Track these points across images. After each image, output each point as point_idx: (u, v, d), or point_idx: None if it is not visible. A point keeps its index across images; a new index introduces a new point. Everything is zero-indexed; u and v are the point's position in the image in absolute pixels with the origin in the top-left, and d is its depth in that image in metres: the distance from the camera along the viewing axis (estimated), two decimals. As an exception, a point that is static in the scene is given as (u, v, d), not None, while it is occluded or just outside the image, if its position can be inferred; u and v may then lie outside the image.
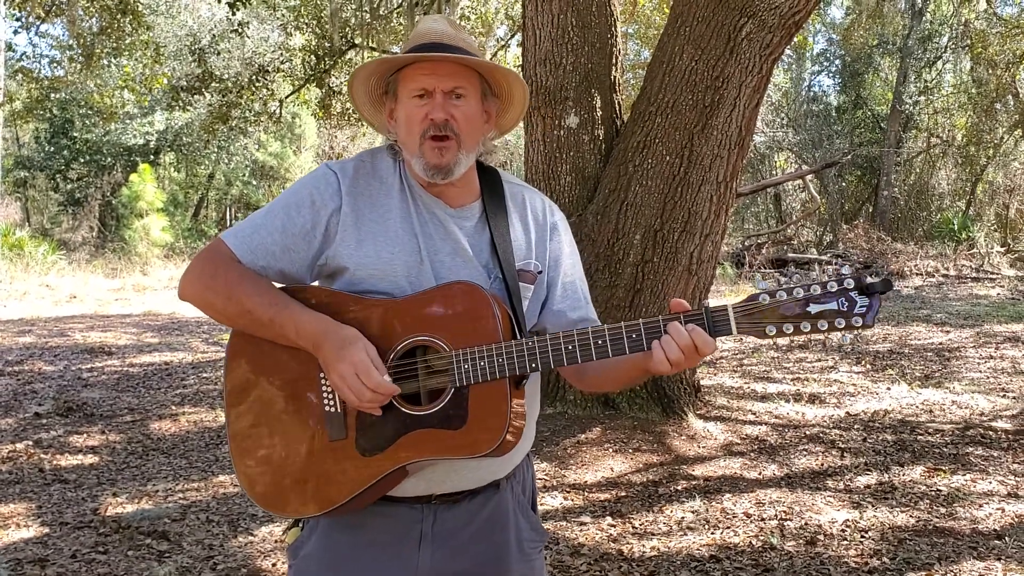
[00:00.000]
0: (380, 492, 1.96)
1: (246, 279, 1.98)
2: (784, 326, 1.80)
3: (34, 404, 7.99)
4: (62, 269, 22.32)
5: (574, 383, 2.20)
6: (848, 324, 1.77)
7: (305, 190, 2.05)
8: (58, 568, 4.39)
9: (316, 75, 17.24)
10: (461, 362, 1.89)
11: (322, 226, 2.02)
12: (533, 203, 2.21)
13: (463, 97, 2.03)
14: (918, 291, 19.17)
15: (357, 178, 2.07)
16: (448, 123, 2.00)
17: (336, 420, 1.95)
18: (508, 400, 1.89)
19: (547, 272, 2.18)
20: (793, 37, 6.69)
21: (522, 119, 2.32)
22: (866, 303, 1.77)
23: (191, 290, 2.03)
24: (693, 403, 7.30)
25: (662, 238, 6.70)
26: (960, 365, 10.15)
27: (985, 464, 6.15)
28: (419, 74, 2.01)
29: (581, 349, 1.89)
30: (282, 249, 2.01)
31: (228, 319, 2.01)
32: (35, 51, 29.58)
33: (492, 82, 2.12)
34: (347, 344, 1.88)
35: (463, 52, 2.02)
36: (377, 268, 2.00)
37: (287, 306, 1.95)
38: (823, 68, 33.55)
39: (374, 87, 2.12)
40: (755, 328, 1.82)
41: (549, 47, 7.03)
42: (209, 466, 6.22)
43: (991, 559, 4.51)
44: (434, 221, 2.07)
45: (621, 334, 1.88)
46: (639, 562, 4.50)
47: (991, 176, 28.10)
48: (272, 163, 35.04)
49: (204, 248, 2.08)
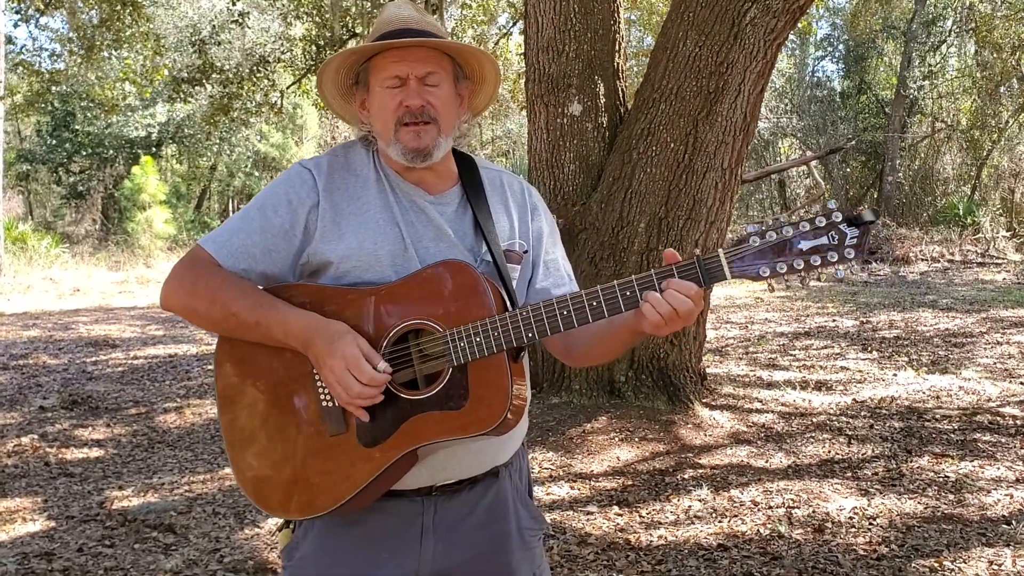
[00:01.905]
0: (387, 483, 1.94)
1: (229, 283, 1.95)
2: (777, 265, 1.78)
3: (39, 398, 7.99)
4: (65, 262, 22.35)
5: (563, 358, 2.18)
6: (841, 256, 1.75)
7: (280, 190, 2.03)
8: (64, 562, 4.38)
9: (317, 65, 17.20)
10: (456, 341, 1.87)
11: (301, 224, 2.00)
12: (511, 185, 2.20)
13: (436, 82, 2.01)
14: (924, 276, 19.13)
15: (332, 173, 2.05)
16: (424, 109, 1.98)
17: (335, 415, 1.92)
18: (508, 374, 1.87)
19: (531, 252, 2.17)
20: (797, 22, 6.66)
21: (495, 101, 2.30)
22: (856, 234, 1.75)
23: (174, 299, 2.01)
24: (699, 391, 7.28)
25: (667, 226, 6.67)
26: (967, 351, 10.11)
27: (993, 450, 6.12)
28: (390, 62, 1.99)
29: (576, 312, 1.86)
30: (262, 251, 1.99)
31: (213, 324, 1.98)
32: (35, 44, 29.45)
33: (464, 64, 2.10)
34: (336, 339, 1.86)
35: (432, 36, 2.00)
36: (361, 259, 1.98)
37: (273, 307, 1.92)
38: (827, 53, 33.45)
39: (343, 79, 2.10)
40: (748, 270, 1.80)
41: (552, 34, 7.00)
42: (215, 458, 6.21)
43: (1000, 545, 4.49)
44: (414, 209, 2.05)
45: (615, 292, 1.86)
46: (647, 551, 4.48)
47: (996, 160, 28.00)
48: (274, 154, 35.08)
49: (183, 256, 2.05)
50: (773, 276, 1.79)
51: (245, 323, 1.93)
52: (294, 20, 18.13)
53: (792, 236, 1.78)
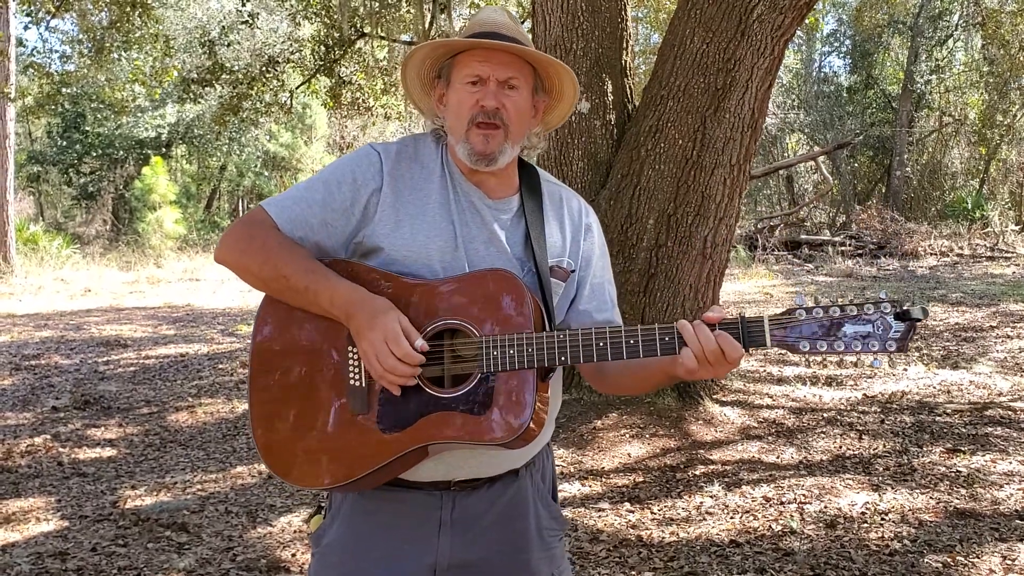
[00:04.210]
0: (396, 471, 1.96)
1: (284, 245, 1.99)
2: (818, 344, 1.80)
3: (51, 398, 8.02)
4: (76, 263, 22.39)
5: (592, 383, 2.19)
6: (882, 347, 1.78)
7: (348, 167, 2.07)
8: (78, 561, 4.41)
9: (326, 65, 17.22)
10: (490, 349, 1.89)
11: (361, 204, 2.04)
12: (570, 203, 2.22)
13: (515, 88, 2.05)
14: (932, 271, 19.07)
15: (399, 161, 2.09)
16: (498, 111, 2.02)
17: (359, 394, 1.95)
18: (533, 391, 1.88)
19: (578, 272, 2.18)
20: (804, 18, 6.65)
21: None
22: (901, 328, 1.78)
23: (228, 252, 2.05)
24: (709, 387, 7.28)
25: (676, 222, 6.67)
26: (977, 345, 10.08)
27: (1005, 444, 6.11)
28: (474, 61, 2.03)
29: (612, 347, 1.88)
30: (320, 223, 2.03)
31: (262, 282, 2.02)
32: (46, 46, 29.60)
33: (544, 77, 2.13)
34: (379, 313, 1.89)
35: (520, 44, 2.04)
36: (412, 251, 2.01)
37: (324, 275, 1.96)
38: (834, 49, 33.41)
39: (427, 71, 2.14)
40: (789, 342, 1.82)
41: (559, 33, 7.00)
42: (227, 457, 6.23)
43: (1013, 540, 4.49)
44: (471, 210, 2.08)
45: (654, 336, 1.87)
46: (659, 548, 4.49)
47: (1004, 154, 27.93)
48: (283, 154, 35.14)
49: (244, 215, 2.09)
50: (812, 353, 1.82)
51: (294, 286, 1.96)
52: (303, 21, 18.14)
53: (839, 318, 1.80)
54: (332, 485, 1.97)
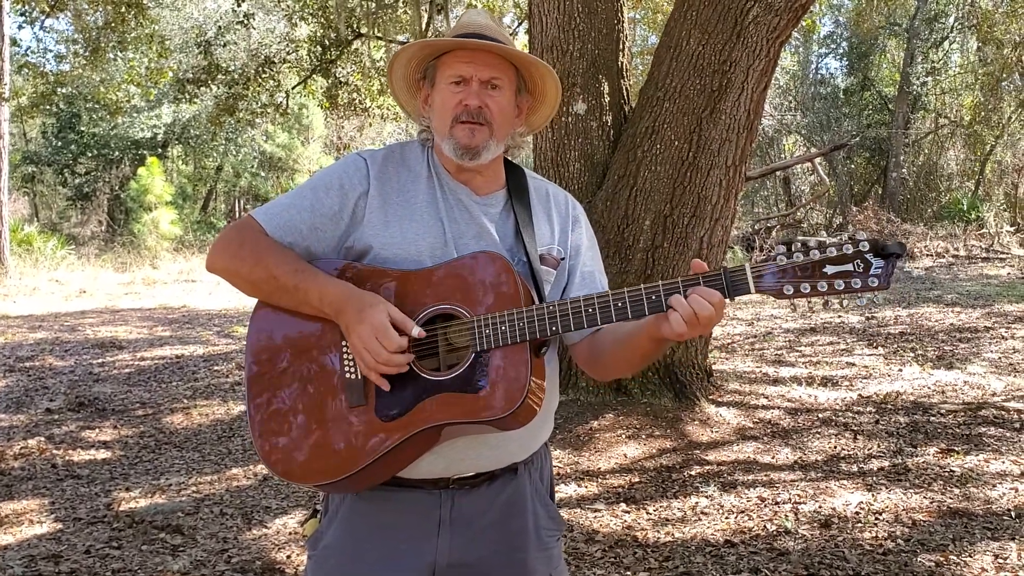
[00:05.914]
0: (398, 462, 1.97)
1: (273, 248, 2.03)
2: (801, 285, 1.82)
3: (46, 400, 8.01)
4: (71, 264, 22.38)
5: (588, 370, 2.21)
6: (864, 284, 1.79)
7: (335, 174, 2.11)
8: (72, 564, 4.40)
9: (322, 65, 17.23)
10: (482, 327, 1.92)
11: (349, 208, 2.07)
12: (556, 196, 2.27)
13: (498, 88, 2.09)
14: (928, 272, 19.09)
15: (386, 165, 2.13)
16: (481, 110, 2.06)
17: (356, 387, 1.97)
18: (528, 364, 1.90)
19: (568, 261, 2.21)
20: (800, 20, 6.66)
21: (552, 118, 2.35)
22: (881, 265, 1.79)
23: (218, 258, 2.08)
24: (706, 388, 7.29)
25: (672, 223, 6.68)
26: (972, 346, 10.10)
27: (999, 444, 6.12)
28: (458, 61, 2.07)
29: (601, 311, 1.90)
30: (309, 228, 2.06)
31: (253, 285, 2.05)
32: (40, 46, 29.63)
33: (527, 78, 2.17)
34: (367, 307, 1.91)
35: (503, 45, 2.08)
36: (402, 248, 2.04)
37: (313, 274, 2.00)
38: (830, 50, 33.43)
39: (413, 71, 2.18)
40: (773, 287, 1.84)
41: (556, 34, 7.00)
42: (222, 459, 6.23)
43: (1005, 539, 4.49)
44: (460, 207, 2.12)
45: (641, 295, 1.89)
46: (654, 548, 4.50)
47: (999, 156, 27.97)
48: (280, 154, 35.14)
49: (233, 223, 2.12)
50: (797, 296, 1.83)
51: (284, 286, 2.00)
52: (299, 21, 18.16)
53: (819, 259, 1.81)
54: (336, 479, 1.97)
